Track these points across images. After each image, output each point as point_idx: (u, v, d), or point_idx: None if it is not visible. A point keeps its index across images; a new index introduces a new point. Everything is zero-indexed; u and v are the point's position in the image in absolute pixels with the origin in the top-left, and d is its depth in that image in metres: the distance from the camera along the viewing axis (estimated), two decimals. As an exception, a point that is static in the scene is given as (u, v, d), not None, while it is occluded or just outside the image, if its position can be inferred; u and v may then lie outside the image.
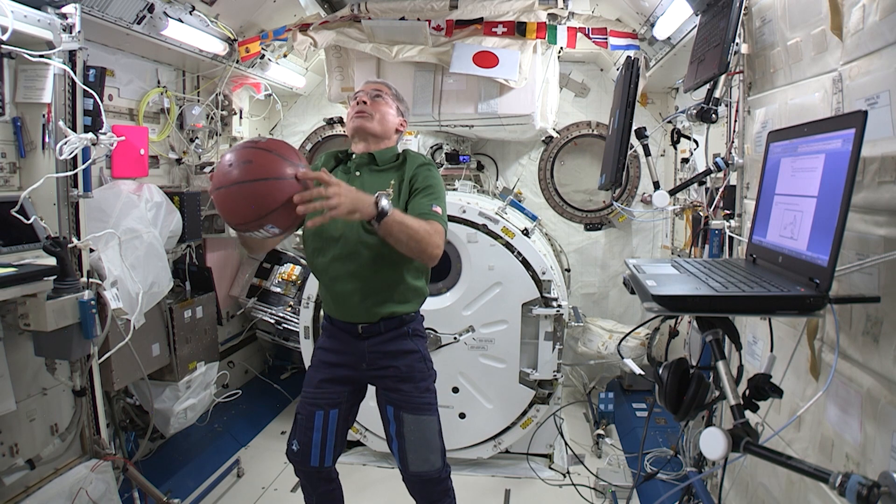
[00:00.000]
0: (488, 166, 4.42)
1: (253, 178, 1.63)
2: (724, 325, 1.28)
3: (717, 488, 2.21)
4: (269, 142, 1.71)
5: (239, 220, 1.66)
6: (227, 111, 3.78)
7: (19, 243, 2.06)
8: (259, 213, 1.62)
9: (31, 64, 2.09)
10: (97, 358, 2.36)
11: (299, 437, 2.15)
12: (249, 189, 1.62)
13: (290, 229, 1.74)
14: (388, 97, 2.16)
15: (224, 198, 1.65)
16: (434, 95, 3.48)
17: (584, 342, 3.93)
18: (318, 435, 2.12)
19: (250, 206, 1.62)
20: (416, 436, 2.10)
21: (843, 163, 1.09)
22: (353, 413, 2.23)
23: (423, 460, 2.11)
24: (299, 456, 2.14)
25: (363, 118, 2.10)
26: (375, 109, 2.12)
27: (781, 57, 1.79)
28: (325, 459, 2.13)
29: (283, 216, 1.64)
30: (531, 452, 3.37)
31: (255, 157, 1.66)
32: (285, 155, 1.68)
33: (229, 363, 3.97)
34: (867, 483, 0.94)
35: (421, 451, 2.11)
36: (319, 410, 2.13)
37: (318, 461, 2.12)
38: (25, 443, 2.15)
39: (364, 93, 2.13)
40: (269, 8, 3.44)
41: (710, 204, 2.40)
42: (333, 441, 2.14)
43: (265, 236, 1.71)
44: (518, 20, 3.31)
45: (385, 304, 2.04)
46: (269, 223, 1.65)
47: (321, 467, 2.14)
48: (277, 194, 1.62)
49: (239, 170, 1.64)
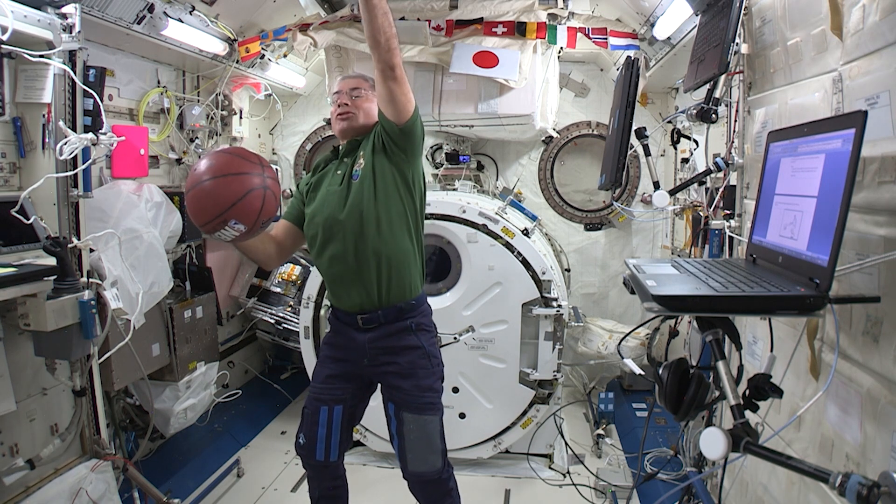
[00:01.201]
0: (488, 166, 4.42)
1: (212, 176, 1.76)
2: (724, 325, 1.28)
3: (717, 488, 2.21)
4: (232, 147, 1.91)
5: (204, 218, 1.77)
6: (227, 111, 3.78)
7: (19, 243, 2.06)
8: (220, 207, 1.74)
9: (31, 64, 2.09)
10: (97, 358, 2.36)
11: (306, 431, 2.20)
12: (210, 186, 1.75)
13: (256, 227, 1.82)
14: (366, 90, 2.18)
15: (190, 200, 1.79)
16: (434, 95, 3.48)
17: (584, 342, 3.93)
18: (322, 430, 2.16)
19: (212, 201, 1.74)
20: (415, 435, 2.11)
21: (843, 163, 1.09)
22: (360, 409, 2.27)
23: (423, 461, 2.12)
24: (305, 449, 2.20)
25: (348, 119, 2.15)
26: (358, 107, 2.15)
27: (781, 57, 1.79)
28: (331, 454, 2.17)
29: (244, 210, 1.75)
30: (531, 452, 3.37)
31: (216, 158, 1.82)
32: (245, 156, 1.84)
33: (229, 363, 3.97)
34: (867, 483, 0.94)
35: (420, 451, 2.12)
36: (324, 406, 2.17)
37: (324, 455, 2.17)
38: (25, 443, 2.15)
39: (343, 94, 2.16)
40: (269, 8, 3.44)
41: (710, 204, 2.40)
42: (338, 437, 2.18)
43: (232, 235, 1.80)
44: (518, 20, 3.31)
45: (380, 291, 2.07)
46: (231, 218, 1.75)
47: (326, 462, 2.18)
48: (236, 187, 1.75)
49: (203, 171, 1.78)
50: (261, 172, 1.84)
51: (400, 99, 1.96)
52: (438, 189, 3.91)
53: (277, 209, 1.92)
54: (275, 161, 4.63)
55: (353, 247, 2.04)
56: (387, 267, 2.05)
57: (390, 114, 1.99)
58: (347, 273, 2.07)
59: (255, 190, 1.79)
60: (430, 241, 3.18)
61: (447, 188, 3.96)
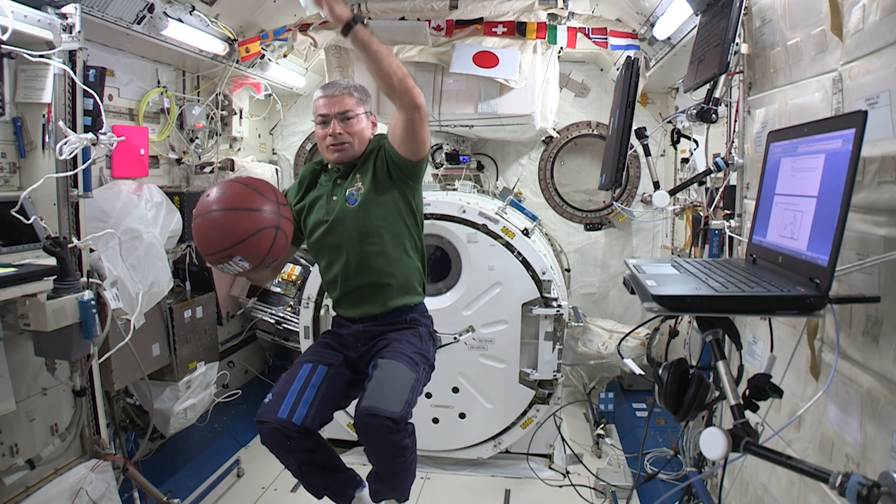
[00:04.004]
0: (488, 166, 4.42)
1: (223, 207, 1.69)
2: (724, 325, 1.28)
3: (717, 488, 2.21)
4: (249, 178, 1.81)
5: (208, 249, 1.69)
6: (227, 111, 3.78)
7: (19, 243, 2.05)
8: (226, 242, 1.66)
9: (31, 64, 2.09)
10: (97, 358, 2.36)
11: (275, 390, 1.93)
12: (219, 217, 1.68)
13: (262, 266, 1.74)
14: (355, 110, 2.01)
15: (197, 227, 1.71)
16: (434, 95, 3.48)
17: (584, 342, 3.93)
18: (297, 384, 1.91)
19: (219, 234, 1.67)
20: (383, 375, 1.84)
21: (843, 163, 1.09)
22: (341, 385, 2.03)
23: (381, 398, 1.77)
24: (267, 408, 1.87)
25: (342, 150, 2.00)
26: (351, 134, 2.00)
27: (781, 57, 1.79)
28: (296, 413, 1.84)
29: (252, 248, 1.67)
30: (531, 452, 3.36)
31: (230, 188, 1.74)
32: (261, 190, 1.76)
33: (229, 363, 3.97)
34: (867, 483, 0.94)
35: (382, 389, 1.80)
36: (308, 364, 1.99)
37: (287, 413, 1.83)
38: (25, 443, 2.15)
39: (332, 119, 1.98)
40: (269, 8, 3.44)
41: (710, 204, 2.40)
42: (312, 395, 1.89)
43: (236, 271, 1.72)
44: (518, 20, 3.31)
45: (385, 304, 2.06)
46: (237, 254, 1.68)
47: (287, 422, 1.83)
48: (247, 223, 1.67)
49: (214, 200, 1.70)
50: (275, 210, 1.76)
51: (422, 138, 1.90)
52: (438, 189, 3.91)
53: (286, 249, 1.85)
54: (275, 161, 4.63)
55: (357, 268, 2.02)
56: (392, 284, 2.05)
57: (408, 151, 1.93)
58: (352, 291, 2.06)
59: (265, 229, 1.71)
60: (431, 241, 3.18)
61: (447, 188, 3.95)
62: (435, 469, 3.31)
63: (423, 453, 3.31)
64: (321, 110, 2.01)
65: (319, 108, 2.01)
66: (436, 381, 3.13)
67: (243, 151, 4.18)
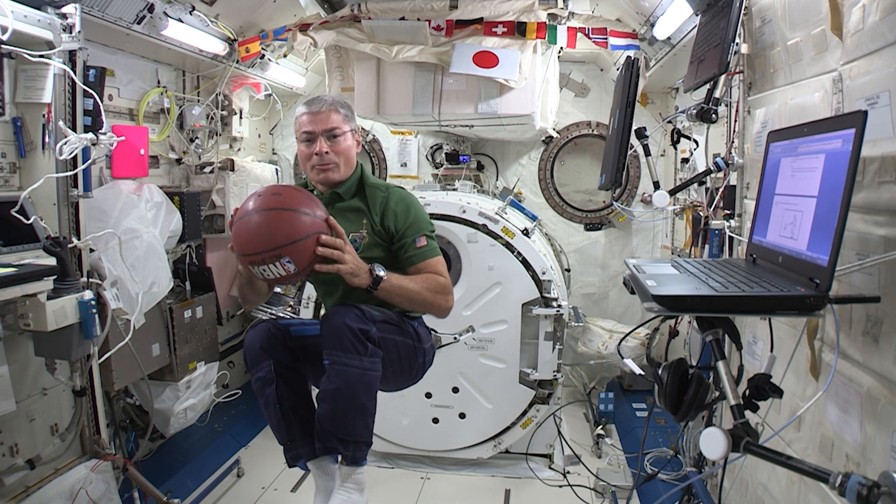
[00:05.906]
0: (488, 166, 4.42)
1: (279, 207, 1.65)
2: (724, 325, 1.28)
3: (717, 488, 2.21)
4: (296, 187, 1.81)
5: (258, 247, 1.62)
6: (227, 111, 3.78)
7: (19, 243, 2.05)
8: (278, 241, 1.61)
9: (31, 64, 2.09)
10: (97, 358, 2.36)
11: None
12: (274, 215, 1.63)
13: (303, 272, 1.68)
14: (342, 127, 1.91)
15: (245, 225, 1.64)
16: (434, 95, 3.47)
17: (584, 342, 3.93)
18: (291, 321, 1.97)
19: (271, 232, 1.62)
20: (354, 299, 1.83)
21: (843, 163, 1.09)
22: None
23: (346, 313, 1.71)
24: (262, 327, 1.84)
25: (328, 171, 1.90)
26: (338, 153, 1.90)
27: (781, 57, 1.79)
28: (290, 334, 1.87)
29: (302, 252, 1.63)
30: (531, 452, 3.36)
31: (284, 191, 1.73)
32: (312, 199, 1.73)
33: (229, 363, 3.97)
34: (867, 483, 0.94)
35: (349, 306, 1.75)
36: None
37: (283, 327, 1.87)
38: (25, 443, 2.15)
39: (318, 137, 1.88)
40: (269, 8, 3.44)
41: (710, 204, 2.40)
42: (305, 328, 1.92)
43: (277, 274, 1.65)
44: (518, 20, 3.31)
45: None
46: (286, 255, 1.62)
47: (284, 328, 1.86)
48: (301, 226, 1.64)
49: (266, 199, 1.66)
50: (323, 219, 1.70)
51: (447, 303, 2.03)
52: (438, 189, 3.91)
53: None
54: (275, 161, 4.63)
55: (355, 299, 1.93)
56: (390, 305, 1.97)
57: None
58: None
59: (317, 234, 1.65)
60: (430, 241, 3.18)
61: (447, 188, 3.95)
62: (435, 469, 3.30)
63: (423, 453, 3.33)
64: (306, 127, 1.89)
65: (304, 125, 1.89)
66: (436, 381, 3.15)
67: (243, 151, 4.19)
